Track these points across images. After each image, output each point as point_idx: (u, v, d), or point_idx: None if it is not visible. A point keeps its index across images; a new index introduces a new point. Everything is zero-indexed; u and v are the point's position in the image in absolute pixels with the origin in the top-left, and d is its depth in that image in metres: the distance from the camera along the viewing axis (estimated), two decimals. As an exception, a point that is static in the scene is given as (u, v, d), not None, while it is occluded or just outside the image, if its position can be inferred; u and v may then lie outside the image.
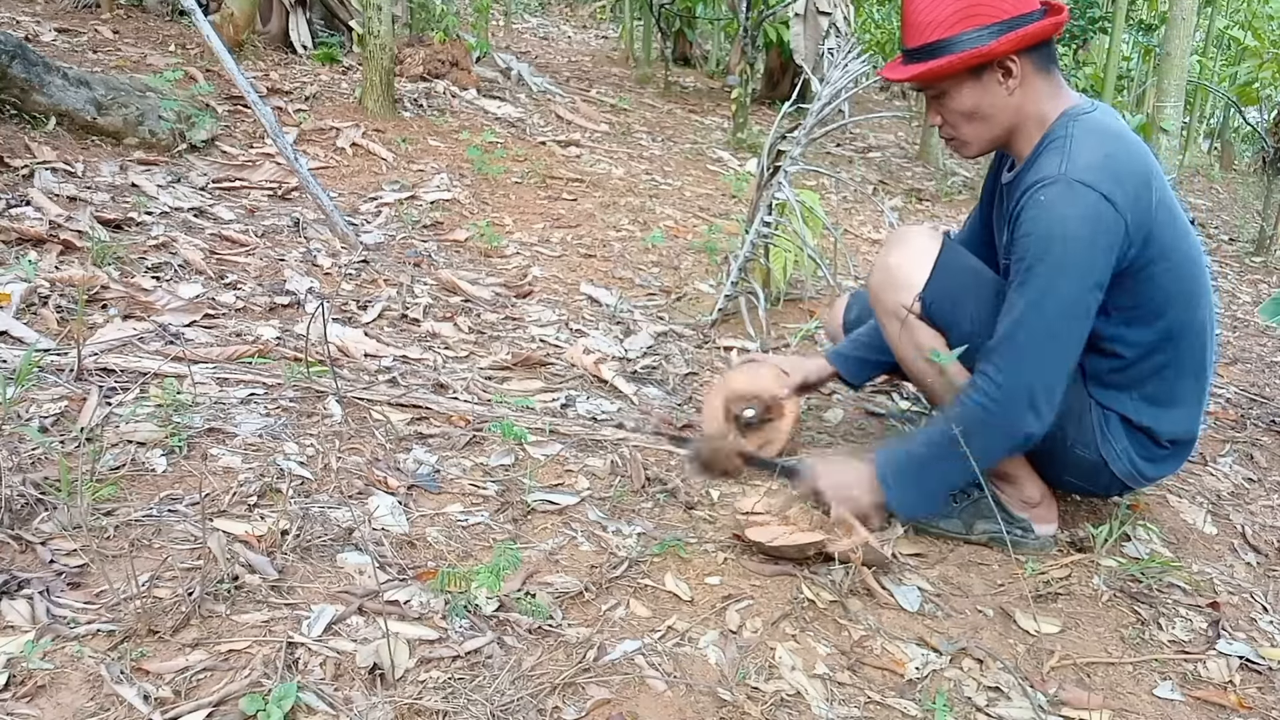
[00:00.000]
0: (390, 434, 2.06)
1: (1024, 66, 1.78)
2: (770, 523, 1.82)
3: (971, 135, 1.86)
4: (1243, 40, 11.34)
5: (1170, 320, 1.82)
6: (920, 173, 6.64)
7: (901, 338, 1.92)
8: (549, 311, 2.96)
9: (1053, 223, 1.68)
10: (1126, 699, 1.61)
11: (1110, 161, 1.70)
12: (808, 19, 7.21)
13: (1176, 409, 1.89)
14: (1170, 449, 1.93)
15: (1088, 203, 1.67)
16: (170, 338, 2.31)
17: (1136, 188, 1.71)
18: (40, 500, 1.62)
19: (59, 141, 3.32)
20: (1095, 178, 1.68)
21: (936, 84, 1.81)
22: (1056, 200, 1.68)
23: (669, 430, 2.25)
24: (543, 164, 4.56)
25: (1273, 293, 4.95)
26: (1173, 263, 1.79)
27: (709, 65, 9.64)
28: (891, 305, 1.91)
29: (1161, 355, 1.84)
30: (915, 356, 1.92)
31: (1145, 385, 1.87)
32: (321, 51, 5.39)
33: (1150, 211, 1.73)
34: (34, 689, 1.28)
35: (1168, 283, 1.79)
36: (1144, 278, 1.77)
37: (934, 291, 1.86)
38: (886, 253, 1.93)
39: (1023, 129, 1.84)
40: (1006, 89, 1.79)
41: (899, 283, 1.88)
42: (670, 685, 1.46)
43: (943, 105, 1.84)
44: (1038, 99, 1.81)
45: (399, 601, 1.54)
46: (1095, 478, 1.94)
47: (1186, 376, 1.88)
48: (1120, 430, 1.89)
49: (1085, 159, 1.70)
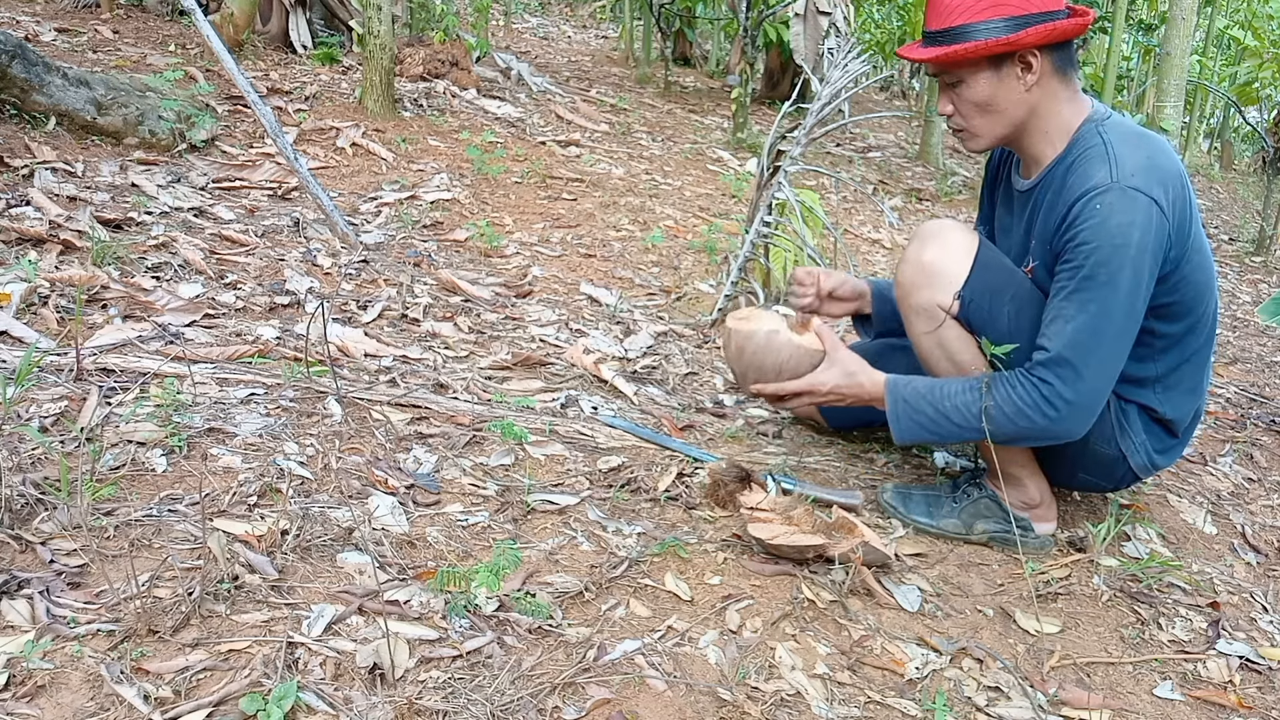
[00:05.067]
0: (390, 434, 2.06)
1: (1044, 64, 1.77)
2: (773, 520, 1.82)
3: (982, 128, 1.85)
4: (1243, 40, 11.34)
5: (1195, 316, 1.84)
6: (920, 172, 6.64)
7: (928, 337, 1.88)
8: (549, 311, 2.96)
9: (1114, 232, 1.67)
10: (1126, 699, 1.61)
11: (1153, 165, 1.71)
12: (808, 19, 7.21)
13: (1190, 394, 1.92)
14: (1178, 438, 1.96)
15: (1142, 209, 1.67)
16: (170, 338, 2.31)
17: (1176, 190, 1.72)
18: (40, 500, 1.62)
19: (59, 141, 3.32)
20: (1145, 182, 1.68)
21: (955, 70, 1.80)
22: (1115, 208, 1.67)
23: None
24: (543, 164, 4.55)
25: (1273, 293, 4.96)
26: (1201, 255, 1.81)
27: (709, 65, 9.64)
28: (925, 303, 1.86)
29: (1184, 346, 1.87)
30: (940, 357, 1.89)
31: (1167, 376, 1.88)
32: (321, 51, 5.39)
33: (1186, 210, 1.75)
34: (34, 689, 1.27)
35: (1197, 277, 1.81)
36: (1179, 276, 1.78)
37: (974, 290, 1.82)
38: (920, 248, 1.87)
39: (1035, 129, 1.84)
40: (1024, 84, 1.78)
41: (935, 280, 1.84)
42: (670, 685, 1.46)
43: (957, 94, 1.83)
44: (1054, 100, 1.81)
45: (399, 601, 1.54)
46: (1112, 472, 1.95)
47: (1200, 363, 1.91)
48: (1139, 423, 1.91)
49: (1131, 164, 1.70)
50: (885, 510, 2.05)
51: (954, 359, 1.88)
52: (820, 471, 2.20)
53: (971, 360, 1.87)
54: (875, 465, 2.29)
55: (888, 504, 2.05)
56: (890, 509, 2.04)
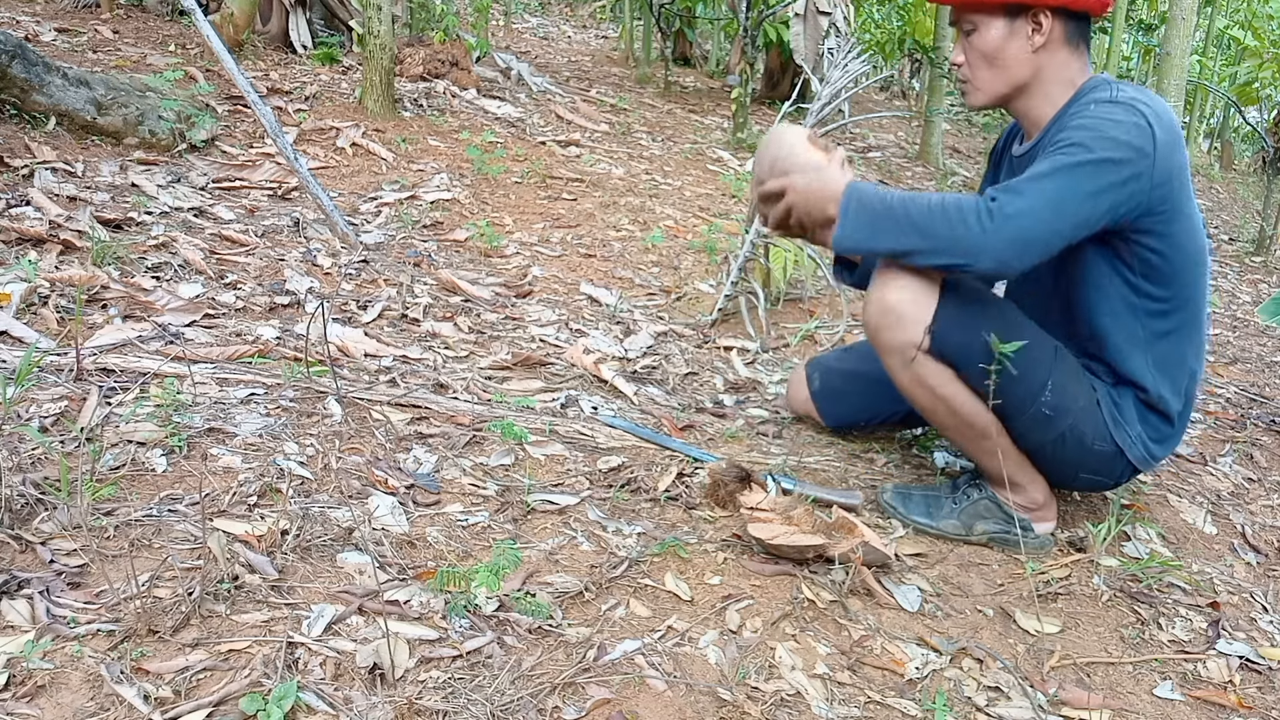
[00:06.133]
0: (390, 434, 2.06)
1: (1054, 29, 1.83)
2: (773, 520, 1.82)
3: (984, 81, 1.90)
4: (1243, 40, 11.35)
5: (1184, 283, 1.85)
6: (920, 172, 6.64)
7: (904, 373, 1.86)
8: (549, 311, 2.96)
9: (1099, 125, 1.71)
10: (1126, 699, 1.61)
11: (1156, 106, 1.76)
12: (808, 19, 7.21)
13: (1180, 377, 1.92)
14: (1173, 427, 1.96)
15: (1133, 120, 1.72)
16: (170, 338, 2.31)
17: (1173, 140, 1.76)
18: (40, 500, 1.62)
19: (59, 141, 3.32)
20: (1145, 109, 1.73)
21: (973, 12, 1.86)
22: (1107, 111, 1.73)
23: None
24: (543, 164, 4.55)
25: (1273, 293, 4.96)
26: (1192, 225, 1.84)
27: (709, 65, 9.64)
28: (895, 343, 1.83)
29: (1173, 318, 1.88)
30: (922, 393, 1.87)
31: (1156, 346, 1.89)
32: (321, 51, 5.39)
33: (1178, 168, 1.77)
34: (34, 689, 1.27)
35: (1187, 244, 1.83)
36: (1167, 232, 1.80)
37: (944, 322, 1.79)
38: (882, 288, 1.82)
39: (1036, 92, 1.88)
40: (1032, 44, 1.84)
41: (902, 320, 1.80)
42: (670, 685, 1.46)
43: (970, 42, 1.89)
44: (1061, 68, 1.86)
45: (399, 601, 1.54)
46: (1111, 468, 1.95)
47: (1189, 343, 1.92)
48: (1133, 413, 1.91)
49: (1133, 95, 1.77)
50: (885, 510, 2.05)
51: (936, 392, 1.86)
52: (820, 471, 2.20)
53: (954, 391, 1.85)
54: (875, 465, 2.29)
55: (887, 504, 2.05)
56: (890, 509, 2.04)
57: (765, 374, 2.78)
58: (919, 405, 1.93)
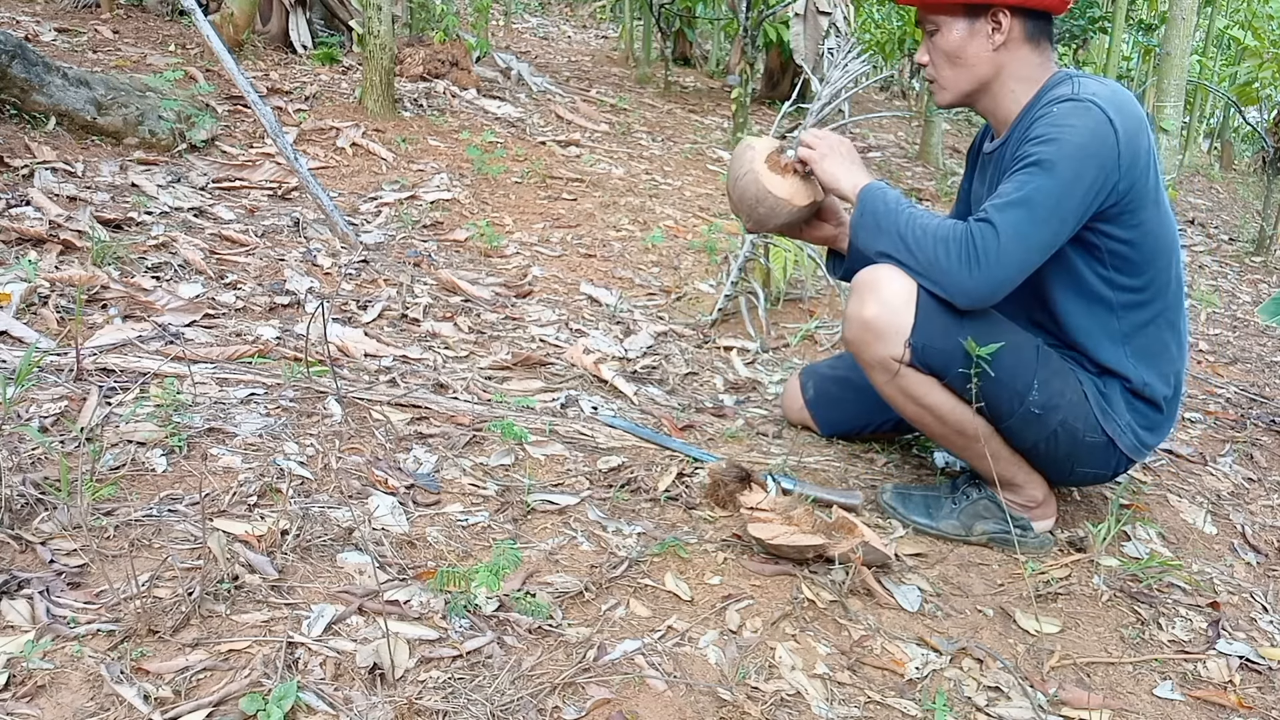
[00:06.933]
0: (390, 434, 2.06)
1: (1013, 28, 1.86)
2: (773, 520, 1.82)
3: (949, 80, 1.93)
4: (1243, 40, 11.35)
5: (1158, 268, 1.87)
6: (920, 172, 6.64)
7: (889, 386, 1.88)
8: (549, 311, 2.96)
9: (1064, 129, 1.74)
10: (1126, 699, 1.61)
11: (1115, 96, 1.78)
12: (808, 19, 7.20)
13: (1164, 364, 1.94)
14: (1163, 413, 1.97)
15: (1095, 120, 1.74)
16: (170, 338, 2.31)
17: (1135, 128, 1.78)
18: (40, 500, 1.62)
19: (59, 141, 3.32)
20: (1104, 104, 1.75)
21: (935, 13, 1.89)
22: (1070, 113, 1.75)
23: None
24: (543, 164, 4.55)
25: (1273, 293, 4.96)
26: (1162, 212, 1.85)
27: (709, 65, 9.63)
28: (877, 358, 1.85)
29: (1148, 309, 1.89)
30: (908, 404, 1.90)
31: (1136, 338, 1.90)
32: (321, 51, 5.39)
33: (1143, 154, 1.79)
34: (34, 689, 1.27)
35: (1157, 230, 1.84)
36: (1137, 221, 1.81)
37: (923, 334, 1.80)
38: (860, 304, 1.83)
39: (1001, 91, 1.91)
40: (992, 43, 1.86)
41: (882, 335, 1.81)
42: (670, 685, 1.46)
43: (933, 42, 1.91)
44: (1022, 65, 1.88)
45: (399, 601, 1.54)
46: (1105, 459, 1.95)
47: (1169, 329, 1.93)
48: (1121, 404, 1.92)
49: (1093, 89, 1.79)
50: (885, 511, 2.05)
51: (921, 402, 1.88)
52: (820, 471, 2.20)
53: (940, 400, 1.86)
54: (875, 465, 2.29)
55: (887, 504, 2.05)
56: (889, 509, 2.04)
57: (765, 374, 2.78)
58: (907, 416, 1.94)
